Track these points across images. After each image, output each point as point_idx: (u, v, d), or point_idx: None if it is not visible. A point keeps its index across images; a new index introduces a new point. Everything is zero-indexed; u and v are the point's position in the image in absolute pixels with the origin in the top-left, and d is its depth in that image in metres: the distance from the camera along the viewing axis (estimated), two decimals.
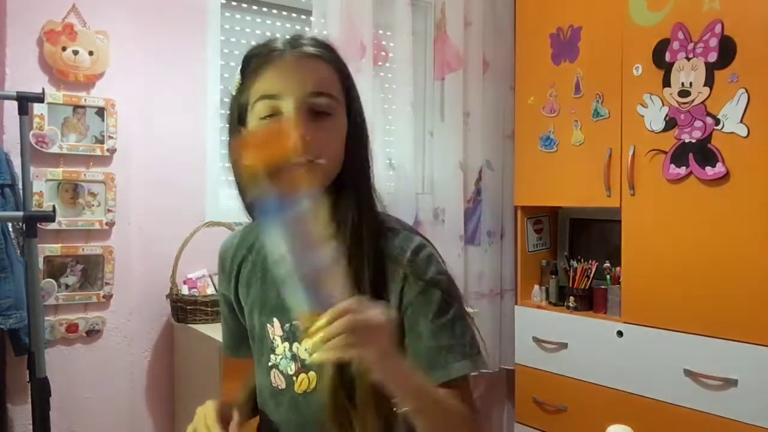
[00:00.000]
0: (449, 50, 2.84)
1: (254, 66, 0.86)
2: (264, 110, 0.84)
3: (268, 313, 0.95)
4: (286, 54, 0.86)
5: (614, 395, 2.37)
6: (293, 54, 0.86)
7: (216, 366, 1.95)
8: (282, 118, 0.83)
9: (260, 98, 0.85)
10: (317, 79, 0.86)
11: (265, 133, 0.81)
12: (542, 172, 2.68)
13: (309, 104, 0.84)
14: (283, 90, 0.84)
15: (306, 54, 0.87)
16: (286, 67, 0.85)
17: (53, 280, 2.09)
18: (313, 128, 0.83)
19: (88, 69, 2.13)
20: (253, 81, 0.86)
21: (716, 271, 2.09)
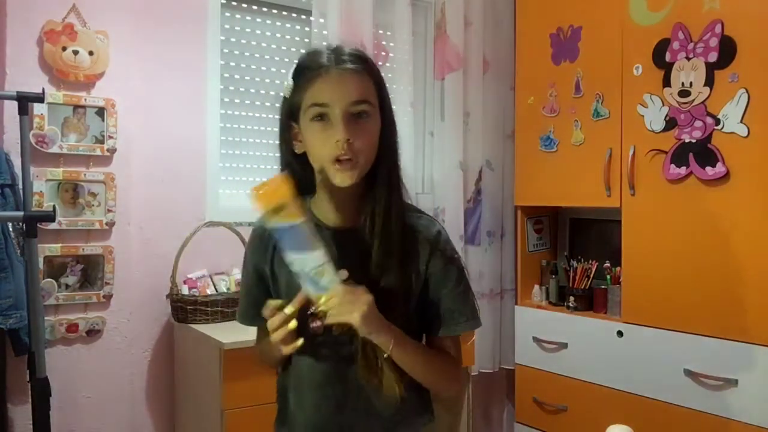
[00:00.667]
0: (449, 50, 2.84)
1: (307, 77, 1.07)
2: (315, 114, 1.06)
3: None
4: (332, 69, 1.06)
5: (614, 395, 2.37)
6: (338, 69, 1.06)
7: (216, 366, 1.95)
8: (330, 121, 1.05)
9: (312, 105, 1.06)
10: (358, 90, 1.07)
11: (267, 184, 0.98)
12: (542, 172, 2.68)
13: (351, 110, 1.06)
14: (331, 100, 1.05)
15: (349, 69, 1.07)
16: (333, 81, 1.06)
17: (53, 280, 2.09)
18: (354, 130, 1.05)
19: (88, 69, 2.13)
20: (305, 89, 1.07)
21: (716, 271, 2.09)
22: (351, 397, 1.13)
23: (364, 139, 1.07)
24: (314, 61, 1.08)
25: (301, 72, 1.09)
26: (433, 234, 1.16)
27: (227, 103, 2.50)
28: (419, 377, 1.14)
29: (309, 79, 1.07)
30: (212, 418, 1.99)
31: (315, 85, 1.06)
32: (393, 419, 1.14)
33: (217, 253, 2.36)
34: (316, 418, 1.14)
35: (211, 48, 2.41)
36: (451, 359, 1.19)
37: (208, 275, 2.32)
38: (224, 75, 2.48)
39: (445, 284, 1.16)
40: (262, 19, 2.59)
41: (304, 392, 1.15)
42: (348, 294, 1.01)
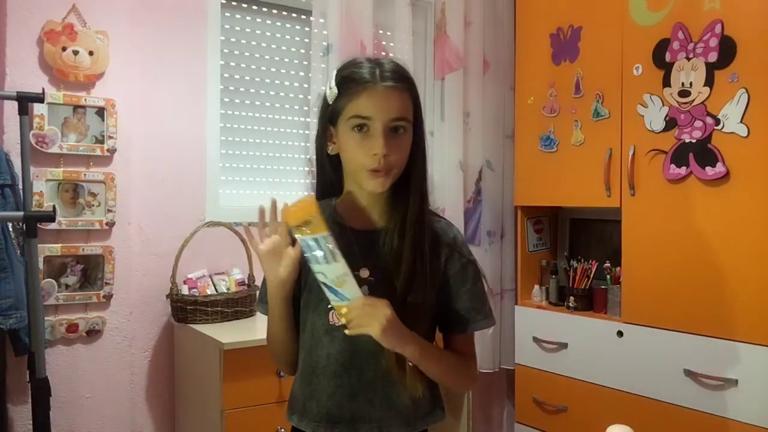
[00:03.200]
0: (449, 50, 2.84)
1: (351, 88, 1.14)
2: (356, 124, 1.13)
3: None
4: (377, 86, 1.13)
5: (614, 395, 2.37)
6: (383, 86, 1.13)
7: (216, 366, 1.95)
8: (369, 132, 1.13)
9: (354, 116, 1.13)
10: (398, 107, 1.14)
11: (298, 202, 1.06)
12: (542, 172, 2.68)
13: (390, 125, 1.13)
14: (374, 114, 1.12)
15: (392, 87, 1.14)
16: (377, 97, 1.13)
17: (53, 280, 2.09)
18: (391, 144, 1.12)
19: (88, 69, 2.13)
20: (349, 100, 1.14)
21: (716, 271, 2.09)
22: (366, 387, 1.16)
23: (399, 153, 1.14)
24: (360, 74, 1.14)
25: (346, 82, 1.15)
26: (451, 237, 1.24)
27: (227, 103, 2.50)
28: (440, 379, 1.22)
29: (354, 91, 1.13)
30: (212, 418, 1.99)
31: (359, 98, 1.12)
32: (407, 412, 1.18)
33: (217, 253, 2.36)
34: (330, 405, 1.17)
35: (211, 48, 2.41)
36: (469, 358, 1.26)
37: (208, 275, 2.32)
38: (224, 75, 2.48)
39: (463, 284, 1.22)
40: (262, 19, 2.59)
41: (319, 381, 1.18)
42: (368, 306, 1.06)
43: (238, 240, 2.26)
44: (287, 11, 2.64)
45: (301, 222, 1.04)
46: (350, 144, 1.14)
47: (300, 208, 1.05)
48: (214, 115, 2.43)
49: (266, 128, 2.61)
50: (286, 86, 2.64)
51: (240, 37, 2.54)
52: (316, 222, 1.04)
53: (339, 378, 1.17)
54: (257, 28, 2.58)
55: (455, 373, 1.22)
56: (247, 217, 2.45)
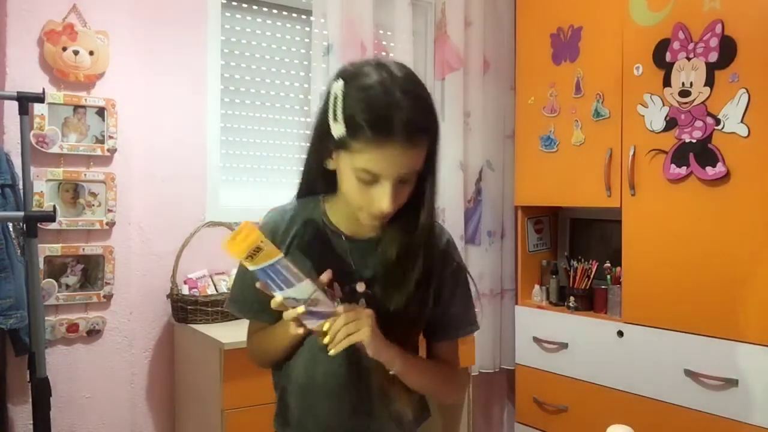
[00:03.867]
0: (449, 50, 2.84)
1: (361, 139, 0.96)
2: (363, 176, 1.00)
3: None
4: (395, 143, 0.96)
5: (614, 395, 2.37)
6: (399, 143, 0.96)
7: (216, 366, 1.95)
8: (376, 185, 1.00)
9: (361, 170, 0.99)
10: (413, 162, 1.01)
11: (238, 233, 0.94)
12: (542, 172, 2.68)
13: (400, 179, 1.01)
14: (385, 172, 0.99)
15: (414, 144, 0.99)
16: (391, 156, 0.97)
17: (54, 280, 2.09)
18: (397, 193, 1.01)
19: (88, 69, 2.13)
20: (357, 148, 0.98)
21: (716, 271, 2.09)
22: (366, 402, 1.13)
23: (403, 199, 1.04)
24: (375, 124, 0.95)
25: (357, 127, 0.96)
26: (444, 243, 1.18)
27: (227, 103, 2.50)
28: (426, 391, 1.17)
29: (365, 143, 0.96)
30: (212, 418, 1.99)
31: (370, 153, 0.97)
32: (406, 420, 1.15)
33: (217, 253, 2.35)
34: (330, 421, 1.13)
35: (211, 48, 2.41)
36: (455, 366, 1.22)
37: (208, 275, 2.32)
38: (224, 75, 2.48)
39: (453, 290, 1.18)
40: (262, 19, 2.59)
41: (317, 398, 1.14)
42: (350, 314, 1.00)
43: None
44: (287, 11, 2.64)
45: (249, 252, 0.94)
46: (352, 187, 1.02)
47: (243, 239, 0.94)
48: (214, 115, 2.43)
49: (266, 128, 2.60)
50: (286, 86, 2.64)
51: (240, 37, 2.54)
52: (265, 248, 0.94)
53: (338, 396, 1.13)
54: (257, 28, 2.58)
55: (442, 384, 1.18)
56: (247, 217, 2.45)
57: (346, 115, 0.97)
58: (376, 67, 1.00)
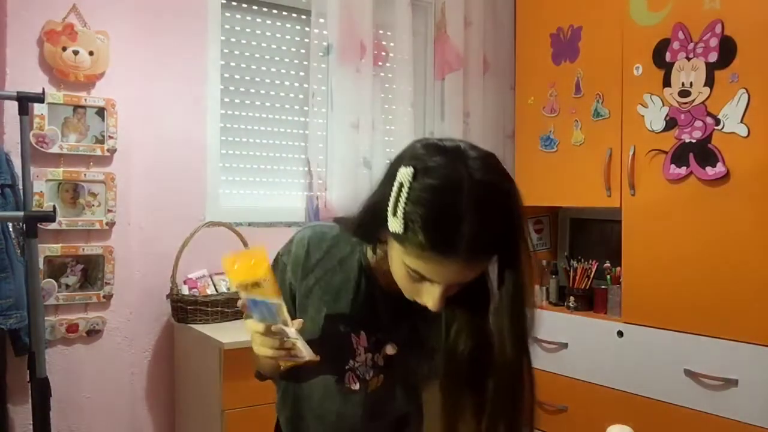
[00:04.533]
0: (449, 50, 2.84)
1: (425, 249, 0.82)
2: (413, 274, 0.87)
3: (355, 325, 1.06)
4: (456, 262, 0.82)
5: (614, 395, 2.37)
6: (465, 263, 0.83)
7: (216, 366, 1.95)
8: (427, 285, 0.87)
9: (415, 271, 0.86)
10: (474, 276, 0.87)
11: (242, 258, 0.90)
12: (542, 172, 2.68)
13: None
14: (440, 281, 0.86)
15: (478, 261, 0.85)
16: (449, 272, 0.84)
17: (53, 280, 2.09)
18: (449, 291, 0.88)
19: (88, 69, 2.13)
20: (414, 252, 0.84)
21: (716, 271, 2.09)
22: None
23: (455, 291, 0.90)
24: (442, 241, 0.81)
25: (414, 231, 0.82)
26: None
27: (227, 103, 2.50)
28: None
29: (425, 253, 0.82)
30: (212, 418, 1.99)
31: (426, 263, 0.84)
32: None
33: (217, 253, 2.33)
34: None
35: (211, 48, 2.41)
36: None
37: (208, 275, 2.32)
38: (224, 75, 2.48)
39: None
40: (262, 19, 2.59)
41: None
42: None
43: (238, 240, 2.26)
44: (287, 11, 2.64)
45: (248, 283, 0.88)
46: (400, 273, 0.90)
47: (248, 268, 0.88)
48: (214, 115, 2.43)
49: (266, 128, 2.60)
50: (286, 86, 2.64)
51: (240, 37, 2.54)
52: (266, 285, 0.87)
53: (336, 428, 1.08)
54: (257, 28, 2.58)
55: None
56: (247, 217, 2.45)
57: (405, 217, 0.82)
58: (454, 161, 0.84)
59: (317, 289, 1.07)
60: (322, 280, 1.07)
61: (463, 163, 0.84)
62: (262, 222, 2.49)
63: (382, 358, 1.06)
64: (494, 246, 0.85)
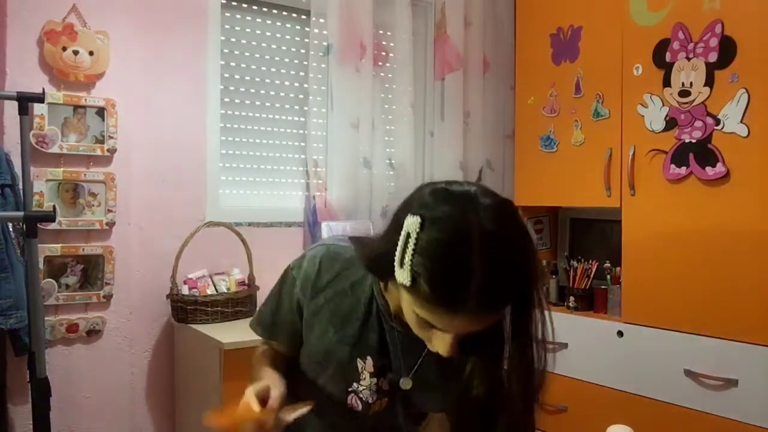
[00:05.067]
0: (449, 50, 2.84)
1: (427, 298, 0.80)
2: (423, 322, 0.85)
3: (363, 350, 1.05)
4: (465, 315, 0.80)
5: (614, 395, 2.37)
6: (474, 316, 0.80)
7: (216, 366, 1.95)
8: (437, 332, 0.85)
9: (424, 320, 0.85)
10: (484, 325, 0.84)
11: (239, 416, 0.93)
12: (542, 172, 2.68)
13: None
14: (450, 331, 0.84)
15: (488, 314, 0.82)
16: (458, 324, 0.82)
17: (53, 280, 2.09)
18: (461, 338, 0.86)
19: (88, 69, 2.13)
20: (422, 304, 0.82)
21: (716, 271, 2.09)
22: None
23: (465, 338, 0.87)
24: (449, 296, 0.79)
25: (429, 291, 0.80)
26: None
27: (227, 103, 2.50)
28: None
29: (433, 307, 0.81)
30: None
31: (438, 316, 0.82)
32: None
33: (217, 253, 2.36)
34: None
35: (211, 48, 2.41)
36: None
37: (208, 275, 2.32)
38: (224, 75, 2.48)
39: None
40: (262, 19, 2.59)
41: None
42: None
43: (238, 240, 2.26)
44: (287, 11, 2.64)
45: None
46: (411, 319, 0.88)
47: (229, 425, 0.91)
48: (214, 115, 2.43)
49: (266, 128, 2.60)
50: (285, 86, 2.64)
51: (240, 37, 2.54)
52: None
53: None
54: (257, 28, 2.58)
55: None
56: (247, 217, 2.45)
57: (412, 269, 0.80)
58: (463, 210, 0.80)
59: (326, 310, 1.05)
60: (331, 302, 1.05)
61: (474, 212, 0.80)
62: (262, 222, 2.49)
63: (387, 383, 1.05)
64: (505, 299, 0.82)
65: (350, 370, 1.05)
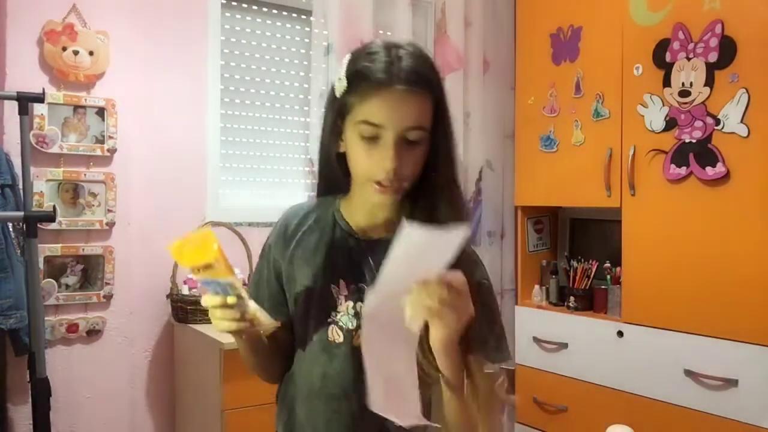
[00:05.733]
0: (449, 50, 2.84)
1: (363, 87, 0.96)
2: (365, 133, 0.97)
3: (335, 275, 1.07)
4: (392, 89, 0.95)
5: (614, 395, 2.37)
6: (397, 90, 0.95)
7: (216, 366, 1.95)
8: (379, 143, 0.96)
9: (364, 122, 0.96)
10: (416, 114, 0.97)
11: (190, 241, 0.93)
12: (542, 172, 2.68)
13: (404, 136, 0.96)
14: (386, 122, 0.95)
15: (409, 91, 0.95)
16: (391, 102, 0.95)
17: (53, 280, 2.09)
18: (403, 157, 0.96)
19: (88, 69, 2.13)
20: (359, 100, 0.97)
21: (716, 271, 2.09)
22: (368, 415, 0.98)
23: (412, 166, 0.99)
24: (372, 71, 0.96)
25: (357, 78, 0.97)
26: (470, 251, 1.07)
27: (227, 103, 2.50)
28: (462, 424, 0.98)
29: (365, 91, 0.96)
30: (212, 418, 1.99)
31: (371, 101, 0.96)
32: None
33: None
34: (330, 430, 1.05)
35: (211, 48, 2.41)
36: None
37: None
38: (224, 75, 2.48)
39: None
40: (262, 19, 2.59)
41: (315, 405, 1.07)
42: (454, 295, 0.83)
43: (238, 240, 2.26)
44: (287, 11, 2.64)
45: (199, 266, 0.89)
46: (357, 151, 0.99)
47: (197, 251, 0.89)
48: (214, 115, 2.43)
49: (266, 128, 2.60)
50: (286, 86, 2.64)
51: (240, 37, 2.54)
52: (218, 266, 0.88)
53: (337, 402, 1.04)
54: (257, 28, 2.58)
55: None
56: (247, 217, 2.45)
57: (348, 71, 0.99)
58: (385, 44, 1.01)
59: (298, 253, 1.10)
60: (301, 243, 1.11)
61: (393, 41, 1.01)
62: (262, 222, 2.49)
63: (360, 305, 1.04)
64: (426, 81, 0.98)
65: (326, 298, 1.07)
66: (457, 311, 0.84)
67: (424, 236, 0.80)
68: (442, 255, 0.82)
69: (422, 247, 0.81)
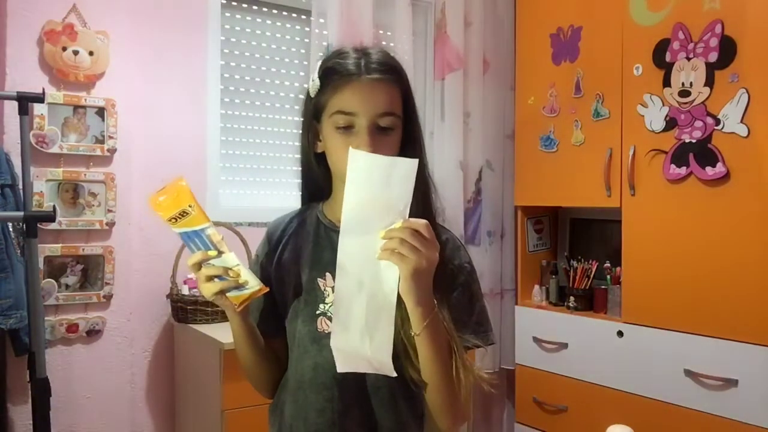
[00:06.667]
0: (449, 50, 2.84)
1: (335, 81, 1.04)
2: (340, 122, 1.03)
3: (321, 269, 1.11)
4: (362, 78, 1.03)
5: (614, 395, 2.37)
6: (368, 79, 1.03)
7: (216, 366, 1.95)
8: (354, 131, 1.03)
9: (338, 112, 1.03)
10: (386, 101, 1.04)
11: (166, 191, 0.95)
12: (542, 172, 2.68)
13: (377, 122, 1.03)
14: (358, 110, 1.02)
15: (378, 79, 1.03)
16: (362, 91, 1.03)
17: (53, 280, 2.09)
18: (377, 143, 1.02)
19: (88, 69, 2.13)
20: (332, 94, 1.04)
21: (716, 271, 2.09)
22: (360, 402, 1.07)
23: (387, 152, 1.01)
24: (343, 65, 1.04)
25: (329, 74, 1.05)
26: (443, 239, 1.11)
27: (227, 103, 2.50)
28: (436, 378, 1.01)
29: (337, 84, 1.04)
30: (212, 418, 1.99)
31: (343, 92, 1.03)
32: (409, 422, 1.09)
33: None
34: (319, 423, 1.07)
35: (211, 48, 2.41)
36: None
37: None
38: (224, 75, 2.48)
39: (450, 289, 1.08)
40: (262, 19, 2.59)
41: (306, 396, 1.09)
42: (415, 237, 0.88)
43: (239, 240, 2.25)
44: (287, 11, 2.64)
45: (176, 214, 0.91)
46: (334, 144, 1.04)
47: (173, 200, 0.91)
48: (214, 115, 2.43)
49: (266, 128, 2.60)
50: (286, 86, 2.64)
51: (240, 37, 2.54)
52: (194, 212, 0.91)
53: (329, 391, 1.06)
54: (257, 28, 2.58)
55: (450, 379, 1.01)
56: (247, 217, 2.45)
57: (321, 71, 1.06)
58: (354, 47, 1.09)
59: (285, 254, 1.15)
60: (287, 246, 1.16)
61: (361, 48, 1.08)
62: (262, 222, 2.49)
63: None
64: (392, 70, 1.05)
65: (314, 291, 1.10)
66: (418, 253, 0.88)
67: (371, 159, 0.89)
68: (400, 185, 0.88)
69: (375, 173, 0.89)
